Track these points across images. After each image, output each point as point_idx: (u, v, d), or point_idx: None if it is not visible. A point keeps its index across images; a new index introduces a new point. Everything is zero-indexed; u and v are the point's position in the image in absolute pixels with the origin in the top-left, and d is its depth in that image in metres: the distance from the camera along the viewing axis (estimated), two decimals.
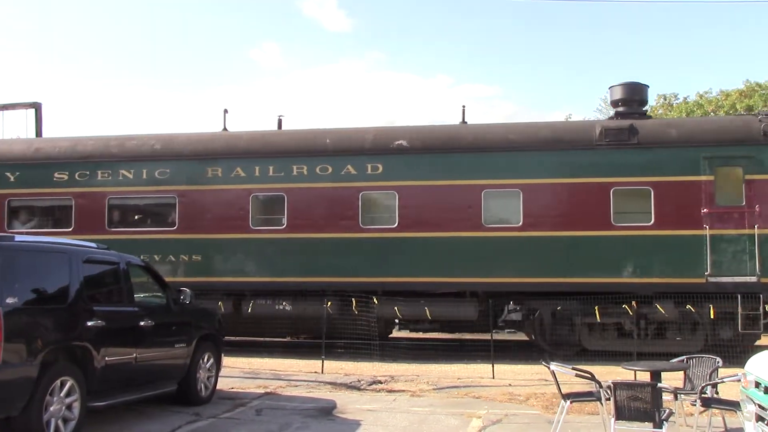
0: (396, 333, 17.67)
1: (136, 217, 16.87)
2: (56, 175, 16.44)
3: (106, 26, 70.97)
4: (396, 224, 15.21)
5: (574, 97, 66.51)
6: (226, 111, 17.26)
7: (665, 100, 36.05)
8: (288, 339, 17.85)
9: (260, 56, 76.93)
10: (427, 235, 15.05)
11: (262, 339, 17.75)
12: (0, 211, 16.50)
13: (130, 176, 16.23)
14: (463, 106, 16.54)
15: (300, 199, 15.60)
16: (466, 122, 16.41)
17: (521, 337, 17.03)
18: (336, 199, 15.48)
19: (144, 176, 16.22)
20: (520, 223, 14.80)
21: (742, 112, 28.98)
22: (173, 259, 15.87)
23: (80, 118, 69.59)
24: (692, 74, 58.45)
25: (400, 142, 15.46)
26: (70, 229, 15.97)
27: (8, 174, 16.54)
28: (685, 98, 35.23)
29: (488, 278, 14.77)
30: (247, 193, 15.80)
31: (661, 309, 13.99)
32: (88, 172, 16.36)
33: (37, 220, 17.01)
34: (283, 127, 17.19)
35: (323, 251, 15.42)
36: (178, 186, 16.10)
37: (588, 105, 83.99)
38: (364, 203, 15.47)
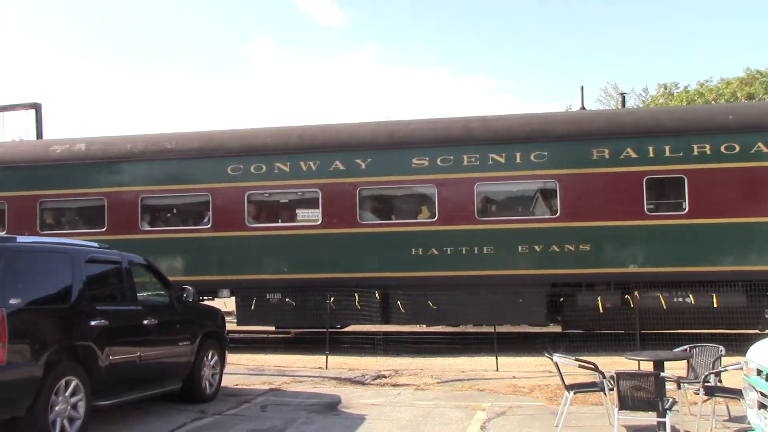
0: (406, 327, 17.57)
1: (504, 207, 15.52)
2: (414, 161, 15.15)
3: (95, 22, 70.81)
4: None
5: (572, 88, 66.43)
6: (582, 87, 16.59)
7: (666, 89, 36.03)
8: (291, 335, 17.86)
9: (253, 51, 76.82)
10: None
11: (265, 335, 17.80)
12: (352, 199, 15.27)
13: (502, 161, 14.82)
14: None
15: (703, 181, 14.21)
16: None
17: (524, 329, 17.03)
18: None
19: (518, 160, 14.77)
20: None
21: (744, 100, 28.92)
22: (556, 249, 14.50)
23: (76, 117, 69.62)
24: (693, 63, 58.36)
25: None
26: (435, 219, 14.97)
27: (359, 161, 15.33)
28: (686, 87, 35.21)
29: None
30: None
31: None
32: (452, 157, 14.94)
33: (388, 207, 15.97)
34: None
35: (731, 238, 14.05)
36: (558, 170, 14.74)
37: (587, 95, 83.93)
38: None
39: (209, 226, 15.61)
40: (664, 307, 13.89)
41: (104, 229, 15.75)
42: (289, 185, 15.55)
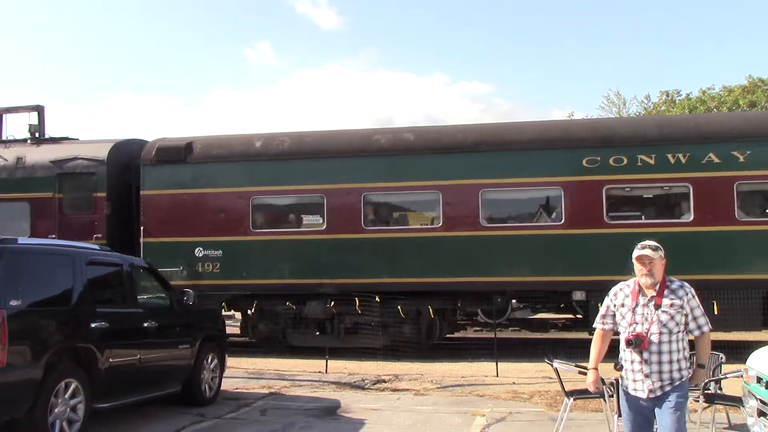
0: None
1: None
2: None
3: (93, 26, 70.92)
4: None
5: (573, 95, 66.50)
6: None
7: (668, 96, 36.02)
8: None
9: (254, 55, 76.96)
10: None
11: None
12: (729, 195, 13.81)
13: None
14: None
15: None
16: None
17: (525, 335, 17.01)
18: None
19: None
20: None
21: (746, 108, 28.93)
22: None
23: (78, 121, 69.78)
24: (695, 70, 58.40)
25: None
26: None
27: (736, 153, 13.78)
28: (688, 94, 35.21)
29: None
30: None
31: None
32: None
33: None
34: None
35: None
36: None
37: (589, 103, 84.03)
38: None
39: (561, 222, 14.26)
40: None
41: (440, 225, 14.66)
42: (653, 179, 14.05)
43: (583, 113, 39.90)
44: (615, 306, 5.39)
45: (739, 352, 10.68)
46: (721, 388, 8.13)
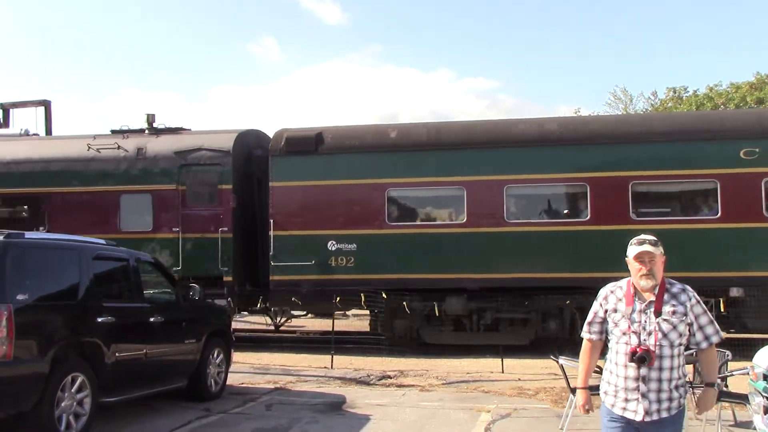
0: None
1: None
2: None
3: (98, 23, 71.03)
4: None
5: (578, 91, 66.32)
6: None
7: (675, 93, 35.92)
8: (297, 334, 17.89)
9: (258, 51, 76.93)
10: None
11: (271, 334, 17.84)
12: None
13: None
14: None
15: None
16: None
17: None
18: None
19: None
20: None
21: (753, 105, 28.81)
22: None
23: (83, 116, 69.89)
24: (702, 67, 58.18)
25: None
26: None
27: None
28: (695, 91, 35.09)
29: None
30: None
31: None
32: None
33: None
34: None
35: None
36: None
37: (595, 99, 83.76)
38: None
39: (717, 216, 13.86)
40: None
41: (587, 219, 14.30)
42: None
43: (589, 110, 39.78)
44: (606, 311, 4.55)
45: (745, 349, 10.66)
46: (727, 386, 8.13)
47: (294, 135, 15.40)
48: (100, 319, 7.83)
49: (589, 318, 4.67)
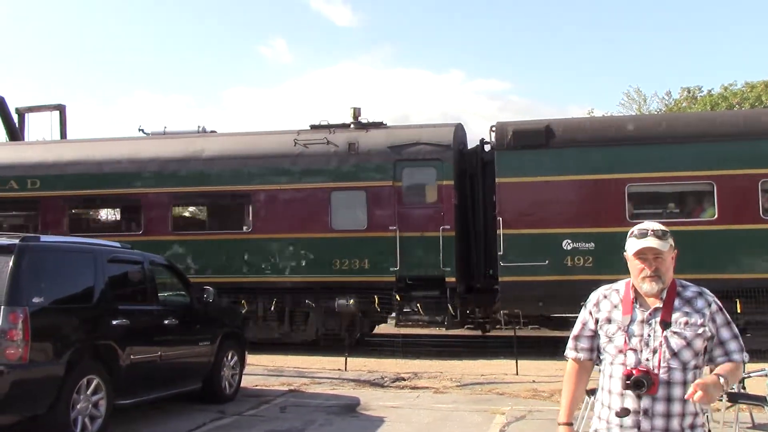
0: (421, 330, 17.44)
1: None
2: None
3: (107, 24, 71.29)
4: None
5: (591, 92, 66.04)
6: None
7: (689, 93, 35.69)
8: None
9: (269, 53, 77.08)
10: None
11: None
12: None
13: None
14: None
15: None
16: None
17: (545, 333, 16.91)
18: None
19: None
20: None
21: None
22: None
23: (95, 120, 70.28)
24: (717, 66, 57.82)
25: None
26: None
27: None
28: (710, 91, 34.85)
29: None
30: None
31: None
32: None
33: None
34: None
35: None
36: None
37: (608, 99, 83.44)
38: None
39: None
40: None
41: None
42: None
43: (602, 110, 39.60)
44: (598, 322, 3.42)
45: (762, 352, 10.59)
46: (744, 387, 8.05)
47: (521, 128, 14.50)
48: (115, 322, 7.86)
49: (575, 331, 3.53)
